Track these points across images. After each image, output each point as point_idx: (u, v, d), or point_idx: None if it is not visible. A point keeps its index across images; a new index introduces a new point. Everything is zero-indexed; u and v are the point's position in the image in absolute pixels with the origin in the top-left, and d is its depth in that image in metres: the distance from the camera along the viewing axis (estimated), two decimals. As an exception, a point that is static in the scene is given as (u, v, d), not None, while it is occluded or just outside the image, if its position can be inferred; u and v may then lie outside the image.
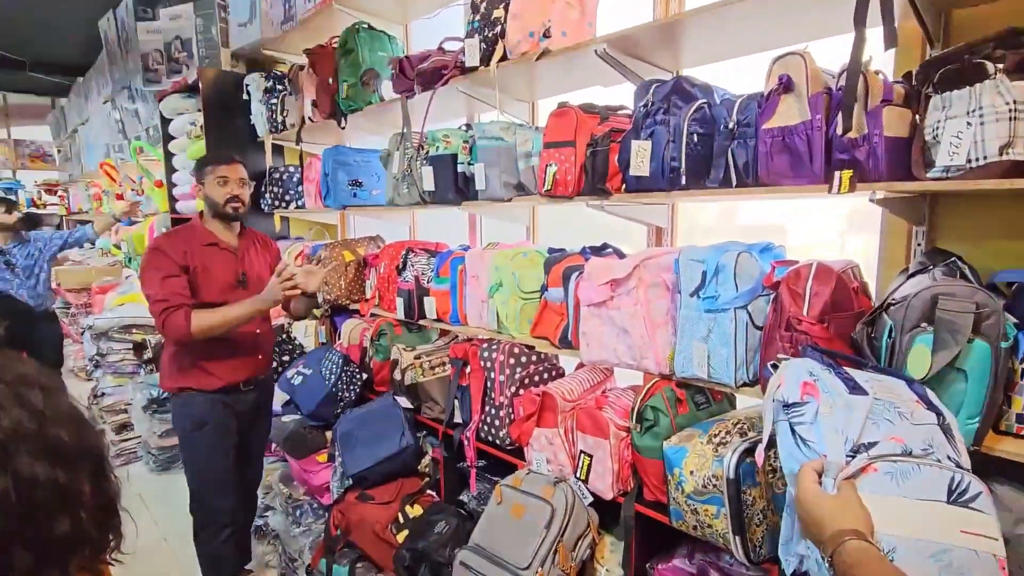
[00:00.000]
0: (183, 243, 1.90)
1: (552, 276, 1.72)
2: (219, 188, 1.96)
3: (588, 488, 1.54)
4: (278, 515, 2.25)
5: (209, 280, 1.90)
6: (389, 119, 2.55)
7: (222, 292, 1.92)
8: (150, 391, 3.38)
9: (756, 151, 1.27)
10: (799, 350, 1.13)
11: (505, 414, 1.79)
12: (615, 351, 1.50)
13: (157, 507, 3.05)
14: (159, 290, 1.80)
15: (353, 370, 2.39)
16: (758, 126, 1.26)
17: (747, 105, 1.30)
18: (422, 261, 2.23)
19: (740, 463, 1.18)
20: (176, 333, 1.81)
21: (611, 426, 1.48)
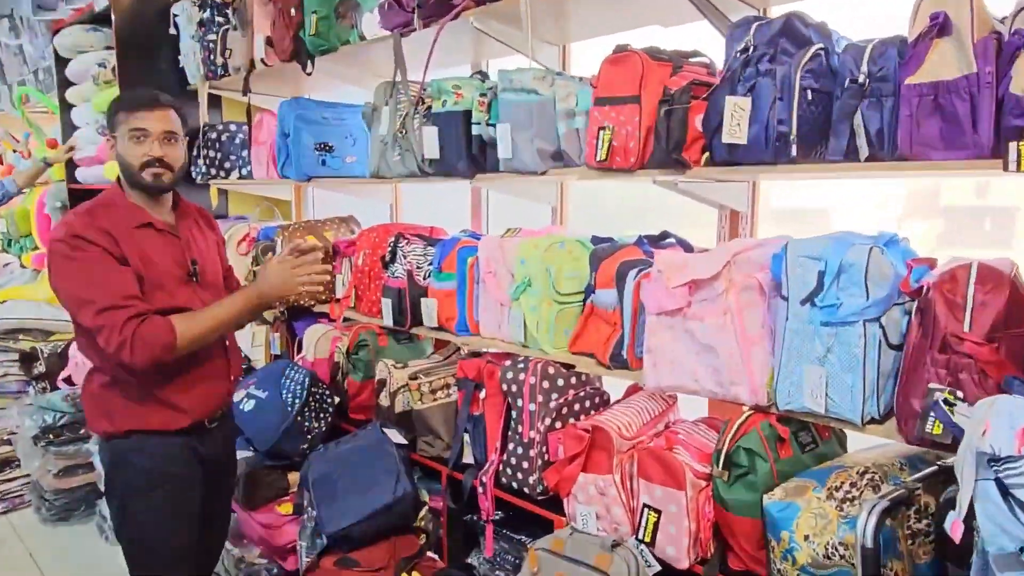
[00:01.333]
0: (107, 225, 1.63)
1: (602, 274, 1.64)
2: (133, 146, 1.65)
3: (654, 554, 1.47)
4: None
5: (151, 275, 1.64)
6: (371, 64, 2.43)
7: (171, 291, 1.67)
8: (43, 416, 3.21)
9: (895, 114, 1.20)
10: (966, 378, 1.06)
11: (536, 454, 1.70)
12: (694, 374, 1.42)
13: (54, 570, 2.90)
14: (104, 293, 1.54)
15: (322, 393, 2.27)
16: (899, 81, 1.19)
17: (883, 53, 1.22)
18: (417, 251, 2.13)
19: (879, 527, 1.11)
20: (154, 351, 1.55)
21: (688, 473, 1.40)
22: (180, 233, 1.76)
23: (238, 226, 3.07)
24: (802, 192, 2.10)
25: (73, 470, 3.22)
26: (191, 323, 1.62)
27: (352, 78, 2.54)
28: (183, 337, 1.59)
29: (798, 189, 2.08)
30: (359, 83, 2.55)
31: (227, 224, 3.14)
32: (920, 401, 1.12)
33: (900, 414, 1.19)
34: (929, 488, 1.22)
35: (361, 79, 2.52)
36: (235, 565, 2.05)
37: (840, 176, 1.50)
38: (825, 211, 2.06)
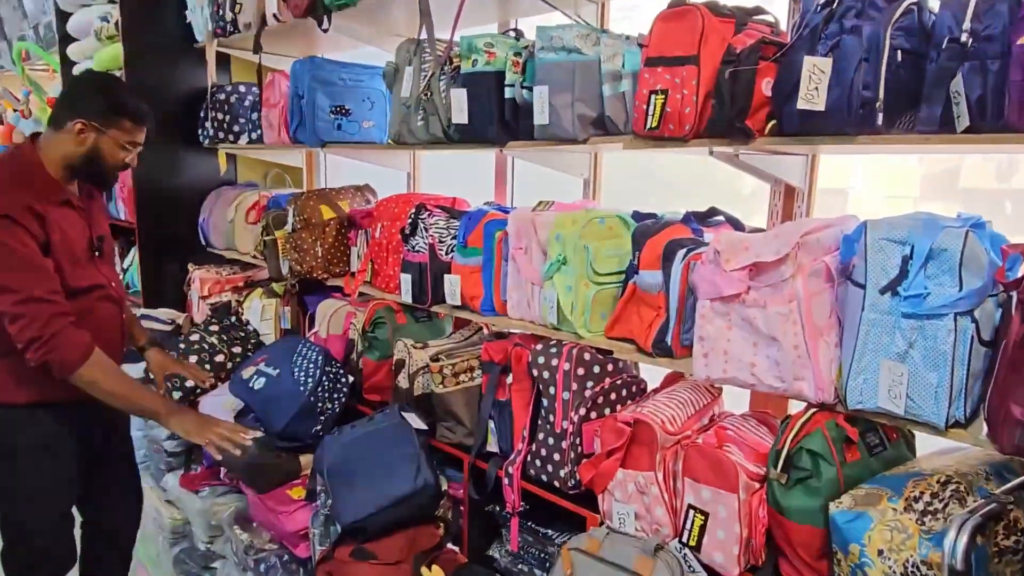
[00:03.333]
0: (33, 202, 1.63)
1: (647, 253, 1.51)
2: (120, 152, 1.78)
3: (699, 559, 1.36)
4: (230, 568, 2.05)
5: (69, 252, 1.70)
6: (391, 23, 2.28)
7: (82, 267, 1.75)
8: None
9: (1003, 79, 1.05)
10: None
11: (569, 446, 1.59)
12: (751, 367, 1.30)
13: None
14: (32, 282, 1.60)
15: (337, 372, 2.17)
16: (1010, 41, 1.05)
17: (988, 9, 1.08)
18: (440, 224, 2.00)
19: (971, 546, 0.99)
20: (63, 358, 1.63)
21: (741, 474, 1.29)
22: (87, 209, 1.83)
23: (247, 194, 2.95)
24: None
25: None
26: (103, 373, 1.69)
27: (370, 37, 2.39)
28: (86, 375, 1.66)
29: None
30: (378, 43, 2.40)
31: (235, 191, 3.03)
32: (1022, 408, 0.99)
33: (993, 419, 1.07)
34: (1020, 501, 1.10)
35: (380, 39, 2.37)
36: (244, 551, 1.96)
37: (929, 150, 1.36)
38: (842, 191, 1.96)
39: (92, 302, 1.80)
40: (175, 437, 2.48)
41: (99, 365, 1.68)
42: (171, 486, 2.35)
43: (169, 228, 3.15)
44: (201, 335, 2.56)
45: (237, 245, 2.97)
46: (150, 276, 3.16)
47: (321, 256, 2.40)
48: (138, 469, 2.19)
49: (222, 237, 3.05)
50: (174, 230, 3.17)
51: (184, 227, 3.16)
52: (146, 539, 2.55)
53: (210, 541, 2.16)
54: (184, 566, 2.27)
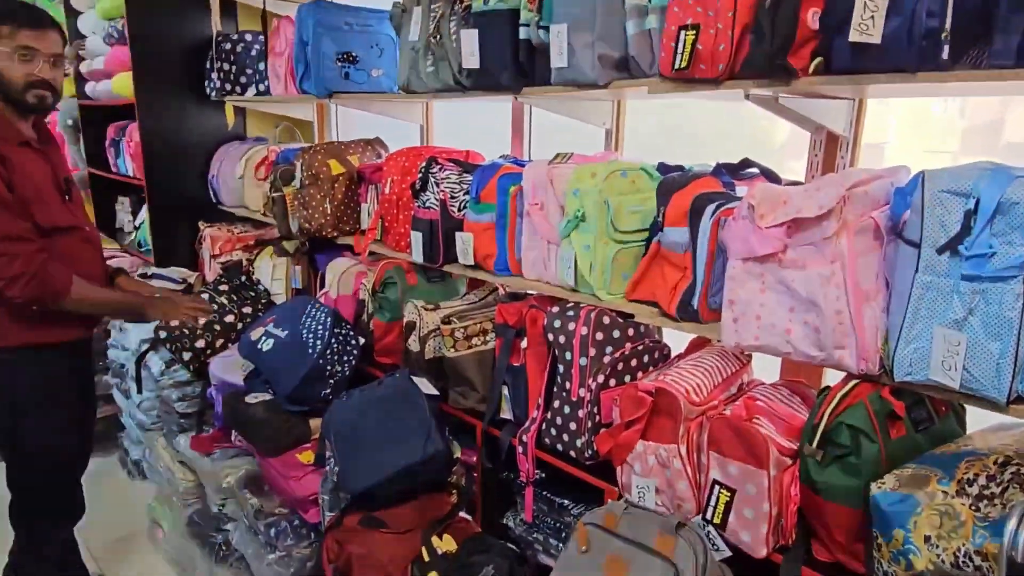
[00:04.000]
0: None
1: (672, 209, 1.39)
2: (20, 64, 1.68)
3: (724, 537, 1.27)
4: (242, 531, 2.02)
5: (35, 194, 1.70)
6: (399, -41, 2.12)
7: (52, 210, 1.74)
8: None
9: (1097, 0, 0.90)
10: None
11: (586, 414, 1.50)
12: (787, 334, 1.18)
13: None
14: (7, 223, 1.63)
15: (346, 334, 2.10)
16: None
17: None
18: (452, 178, 1.89)
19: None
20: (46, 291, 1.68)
21: (772, 450, 1.19)
22: (47, 150, 1.81)
23: (256, 149, 2.85)
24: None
25: (93, 401, 3.14)
26: (86, 290, 1.77)
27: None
28: (74, 295, 1.73)
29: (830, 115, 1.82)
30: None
31: (244, 147, 2.93)
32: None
33: (1064, 394, 0.95)
34: (1089, 486, 0.98)
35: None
36: (254, 515, 1.93)
37: (1001, 89, 1.19)
38: (878, 146, 1.81)
39: (71, 242, 1.80)
40: (186, 398, 2.45)
41: (81, 285, 1.75)
42: (183, 447, 2.32)
43: (179, 185, 3.07)
44: (211, 295, 2.50)
45: (247, 202, 2.89)
46: (161, 234, 3.11)
47: (330, 213, 2.31)
48: None
49: (232, 194, 2.98)
50: (184, 187, 3.09)
51: (194, 184, 3.08)
52: (162, 499, 2.55)
53: (222, 504, 2.13)
54: (197, 527, 2.26)
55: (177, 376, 2.47)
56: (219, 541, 2.18)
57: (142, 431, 2.73)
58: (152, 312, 1.95)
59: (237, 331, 2.46)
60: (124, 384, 2.85)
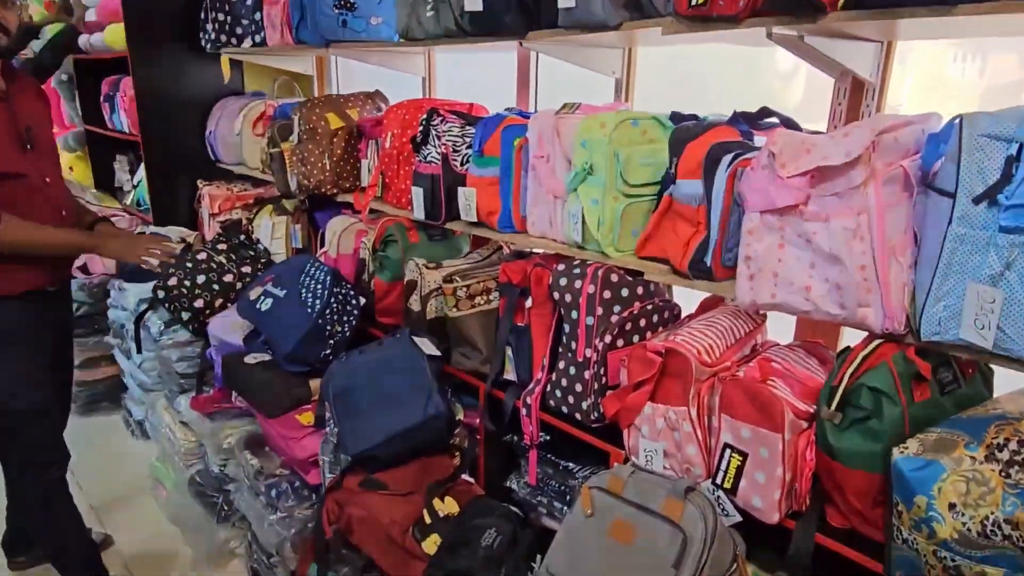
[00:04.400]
0: None
1: (686, 160, 1.31)
2: None
3: (735, 502, 1.23)
4: (244, 492, 2.01)
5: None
6: None
7: (5, 158, 1.72)
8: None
9: None
10: None
11: (592, 376, 1.45)
12: (806, 292, 1.12)
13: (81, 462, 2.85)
14: None
15: (346, 293, 2.04)
16: None
17: None
18: (454, 131, 1.81)
19: (1070, 507, 0.83)
20: None
21: (787, 412, 1.13)
22: (10, 99, 1.77)
23: (254, 104, 2.77)
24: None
25: (96, 362, 3.13)
26: (20, 230, 1.72)
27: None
28: (6, 236, 1.69)
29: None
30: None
31: (242, 102, 2.85)
32: None
33: (1107, 356, 0.89)
34: None
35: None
36: (255, 476, 1.91)
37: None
38: (894, 109, 1.70)
39: (15, 189, 1.75)
40: (186, 359, 2.41)
41: (14, 226, 1.71)
42: (184, 408, 2.30)
43: (176, 142, 3.00)
44: (208, 254, 2.45)
45: (246, 160, 2.82)
46: (160, 193, 3.04)
47: (329, 169, 2.24)
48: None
49: (231, 151, 2.90)
50: (181, 144, 3.02)
51: (192, 141, 3.01)
52: (164, 459, 2.54)
53: (223, 464, 2.12)
54: (199, 487, 2.24)
55: (176, 336, 2.43)
56: (220, 501, 2.17)
57: (144, 392, 2.72)
58: (105, 250, 1.93)
59: (236, 291, 2.41)
60: (125, 345, 2.82)
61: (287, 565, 1.80)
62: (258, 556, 2.00)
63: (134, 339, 2.54)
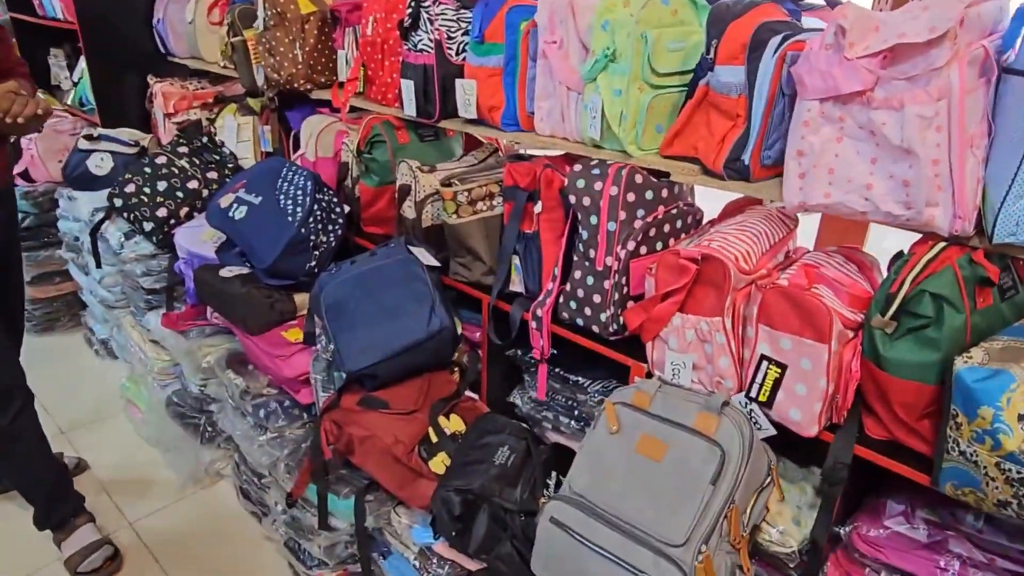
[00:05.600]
0: None
1: (727, 42, 1.17)
2: None
3: (769, 415, 1.18)
4: (227, 412, 1.90)
5: None
6: None
7: None
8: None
9: None
10: None
11: (612, 285, 1.35)
12: (866, 190, 1.02)
13: (43, 383, 2.70)
14: None
15: (330, 200, 1.88)
16: None
17: None
18: (449, 14, 1.61)
19: None
20: None
21: (836, 321, 1.06)
22: None
23: (208, -13, 2.46)
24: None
25: (49, 277, 2.92)
26: None
27: None
28: None
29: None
30: None
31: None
32: None
33: None
34: None
35: None
36: (240, 396, 1.80)
37: None
38: None
39: None
40: (151, 273, 2.24)
41: None
42: (153, 326, 2.15)
43: (120, 31, 2.68)
44: (169, 158, 2.23)
45: (202, 53, 2.55)
46: (105, 91, 2.76)
47: (301, 61, 2.02)
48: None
49: (183, 42, 2.62)
50: (127, 34, 2.71)
51: (139, 31, 2.70)
52: (136, 379, 2.41)
53: (203, 384, 2.00)
54: (178, 408, 2.13)
55: (139, 249, 2.25)
56: (203, 422, 2.07)
57: (106, 309, 2.54)
58: None
59: (203, 198, 2.23)
60: (81, 259, 2.62)
61: (281, 485, 1.73)
62: (247, 477, 1.93)
63: (92, 253, 2.35)
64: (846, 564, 1.20)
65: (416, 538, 1.51)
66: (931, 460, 1.04)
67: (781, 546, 1.22)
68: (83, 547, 1.83)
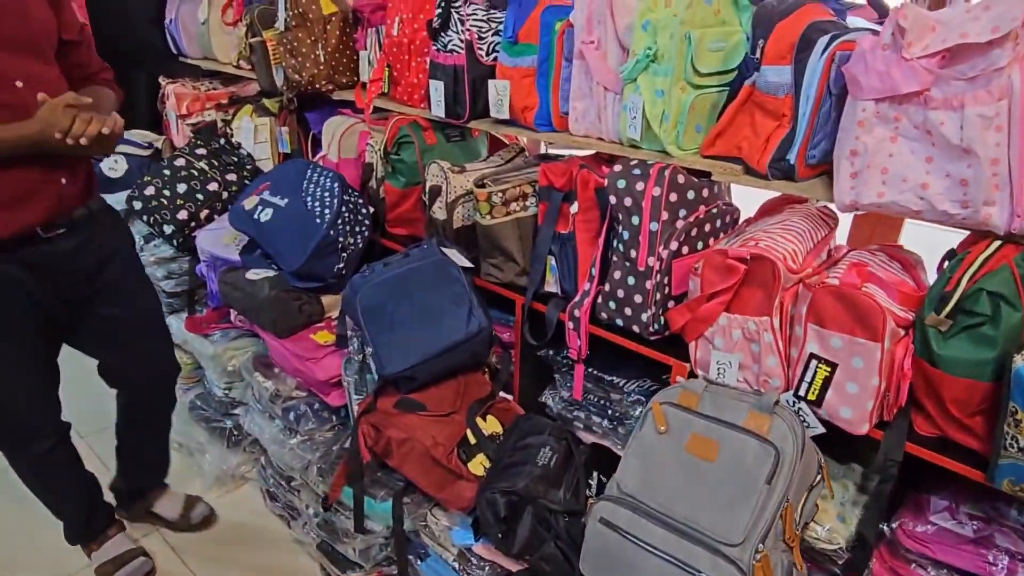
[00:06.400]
0: None
1: (775, 42, 1.17)
2: None
3: (817, 413, 1.18)
4: (254, 415, 1.89)
5: None
6: None
7: None
8: None
9: None
10: None
11: (654, 285, 1.35)
12: (922, 190, 1.02)
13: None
14: None
15: (356, 201, 1.87)
16: None
17: None
18: (479, 14, 1.60)
19: None
20: None
21: (888, 320, 1.06)
22: None
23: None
24: None
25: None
26: None
27: None
28: None
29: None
30: None
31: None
32: None
33: None
34: None
35: None
36: (270, 399, 1.79)
37: None
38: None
39: None
40: (172, 276, 2.22)
41: None
42: (176, 329, 2.13)
43: (131, 32, 2.65)
44: (187, 159, 2.21)
45: (216, 53, 2.52)
46: (116, 92, 2.72)
47: (323, 62, 2.01)
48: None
49: (195, 43, 2.59)
50: (136, 35, 2.68)
51: (150, 30, 2.67)
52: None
53: (228, 387, 1.99)
54: (201, 412, 2.12)
55: (159, 252, 2.23)
56: (228, 426, 2.05)
57: (123, 312, 2.51)
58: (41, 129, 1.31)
59: (223, 200, 2.21)
60: (95, 262, 2.59)
61: (313, 488, 1.73)
62: (275, 480, 1.92)
63: (109, 256, 2.32)
64: (891, 560, 1.20)
65: (456, 539, 1.50)
66: (984, 456, 1.05)
67: (828, 543, 1.22)
68: (116, 555, 1.81)
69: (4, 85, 1.35)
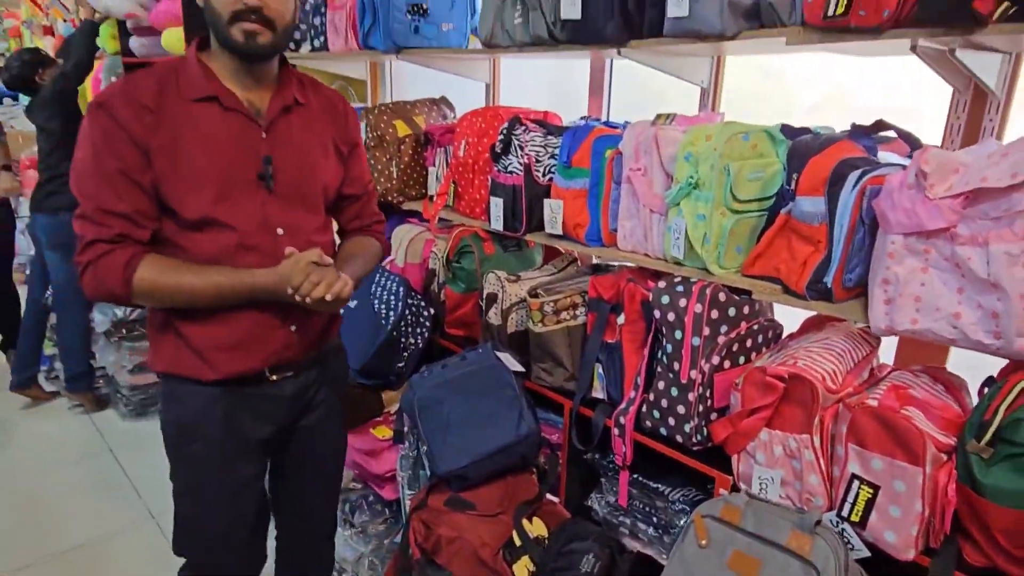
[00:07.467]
0: (148, 94, 1.21)
1: (809, 175, 1.24)
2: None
3: (862, 536, 1.17)
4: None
5: (191, 170, 1.22)
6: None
7: (222, 196, 1.25)
8: (113, 310, 3.06)
9: None
10: None
11: (696, 398, 1.39)
12: (954, 319, 1.05)
13: (136, 466, 2.83)
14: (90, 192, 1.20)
15: (418, 304, 1.99)
16: None
17: None
18: (537, 140, 1.75)
19: None
20: (102, 290, 1.23)
21: (929, 445, 1.07)
22: (265, 117, 1.29)
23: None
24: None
25: (146, 367, 3.10)
26: (160, 276, 1.22)
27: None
28: (139, 288, 1.22)
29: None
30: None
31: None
32: None
33: None
34: None
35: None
36: (327, 490, 1.86)
37: None
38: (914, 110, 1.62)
39: (203, 244, 1.26)
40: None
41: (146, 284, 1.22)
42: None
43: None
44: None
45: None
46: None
47: (396, 177, 2.20)
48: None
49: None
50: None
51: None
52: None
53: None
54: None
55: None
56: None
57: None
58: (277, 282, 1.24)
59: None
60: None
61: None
62: (328, 570, 1.96)
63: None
64: None
65: (499, 644, 1.50)
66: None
67: (879, 674, 1.18)
68: None
69: (265, 230, 1.30)
